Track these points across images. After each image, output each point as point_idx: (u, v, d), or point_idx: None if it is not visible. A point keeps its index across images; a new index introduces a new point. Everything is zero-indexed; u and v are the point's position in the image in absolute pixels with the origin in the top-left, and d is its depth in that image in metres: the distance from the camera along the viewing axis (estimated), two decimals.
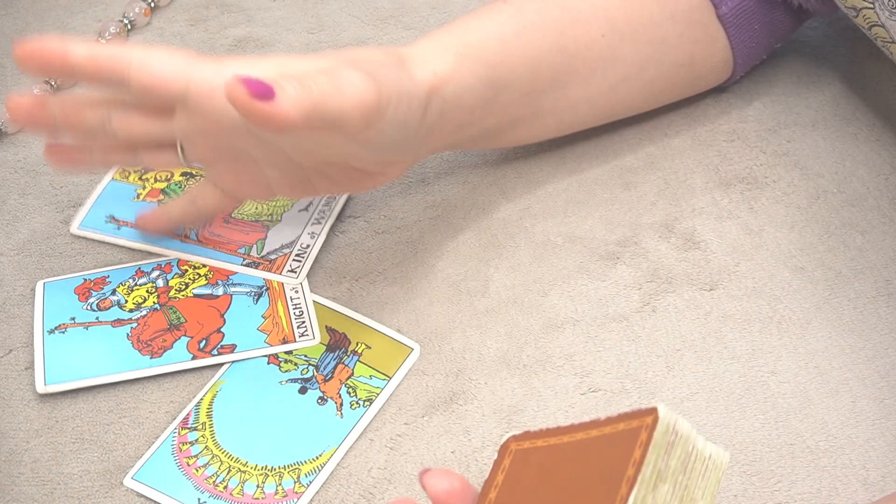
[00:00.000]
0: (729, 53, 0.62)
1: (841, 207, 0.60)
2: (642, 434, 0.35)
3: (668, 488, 0.35)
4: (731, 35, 0.61)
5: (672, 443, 0.35)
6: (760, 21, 0.61)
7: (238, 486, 0.49)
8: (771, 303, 0.55)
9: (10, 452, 0.51)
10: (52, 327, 0.55)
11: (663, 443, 0.35)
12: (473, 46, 0.53)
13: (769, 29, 0.62)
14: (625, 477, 0.34)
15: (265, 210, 0.61)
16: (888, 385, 0.51)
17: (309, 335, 0.54)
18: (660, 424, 0.35)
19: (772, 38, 0.63)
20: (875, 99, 0.66)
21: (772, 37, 0.63)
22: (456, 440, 0.50)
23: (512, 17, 0.55)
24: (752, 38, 0.62)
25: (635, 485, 0.34)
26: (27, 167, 0.65)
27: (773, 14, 0.62)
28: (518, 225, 0.60)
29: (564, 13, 0.56)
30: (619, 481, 0.34)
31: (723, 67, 0.63)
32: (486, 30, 0.54)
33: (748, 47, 0.62)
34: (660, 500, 0.35)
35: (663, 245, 0.58)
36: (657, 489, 0.35)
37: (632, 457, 0.35)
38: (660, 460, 0.35)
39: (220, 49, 0.74)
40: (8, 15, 0.78)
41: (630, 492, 0.34)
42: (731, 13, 0.60)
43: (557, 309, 0.55)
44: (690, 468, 0.36)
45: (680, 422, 0.36)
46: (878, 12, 0.55)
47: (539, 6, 0.56)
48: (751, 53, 0.63)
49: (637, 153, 0.63)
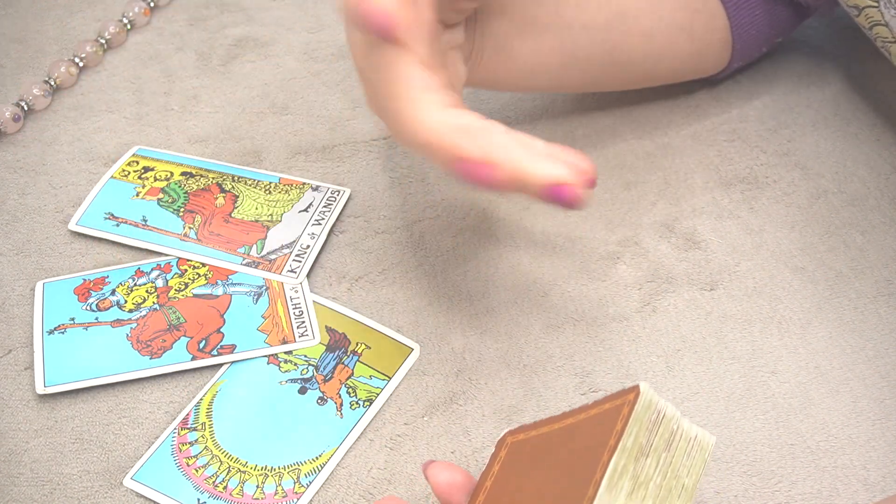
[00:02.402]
0: (728, 34, 0.62)
1: (841, 207, 0.60)
2: (624, 409, 0.37)
3: (652, 463, 0.36)
4: (730, 14, 0.61)
5: (655, 420, 0.37)
6: (762, 7, 0.61)
7: (238, 486, 0.48)
8: (771, 303, 0.55)
9: (9, 452, 0.51)
10: (52, 328, 0.55)
11: (645, 418, 0.36)
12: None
13: (770, 18, 0.62)
14: (607, 447, 0.36)
15: (265, 210, 0.61)
16: (888, 385, 0.51)
17: (309, 335, 0.54)
18: (641, 398, 0.36)
19: (771, 29, 0.63)
20: (876, 99, 0.66)
21: (771, 27, 0.63)
22: (456, 440, 0.50)
23: None
24: (752, 24, 0.62)
25: (615, 452, 0.35)
26: (27, 167, 0.65)
27: (775, 4, 0.62)
28: (518, 225, 0.60)
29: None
30: (602, 452, 0.36)
31: (722, 49, 0.62)
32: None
33: (748, 34, 0.62)
34: (642, 473, 0.36)
35: (663, 245, 0.58)
36: (639, 462, 0.36)
37: (614, 429, 0.36)
38: (641, 434, 0.36)
39: (220, 48, 0.74)
40: (8, 15, 0.78)
41: (610, 459, 0.35)
42: None
43: (557, 309, 0.55)
44: (675, 447, 0.37)
45: (663, 402, 0.37)
46: (883, 11, 0.55)
47: None
48: (750, 40, 0.63)
49: (637, 153, 0.63)
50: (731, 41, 0.62)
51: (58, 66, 0.71)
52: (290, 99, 0.70)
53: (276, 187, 0.62)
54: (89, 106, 0.70)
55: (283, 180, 0.63)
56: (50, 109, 0.70)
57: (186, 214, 0.61)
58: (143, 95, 0.70)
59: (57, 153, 0.66)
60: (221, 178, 0.63)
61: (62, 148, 0.67)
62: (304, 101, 0.69)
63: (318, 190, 0.62)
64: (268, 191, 0.62)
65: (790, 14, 0.63)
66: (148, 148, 0.66)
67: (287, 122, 0.68)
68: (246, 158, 0.65)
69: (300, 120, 0.68)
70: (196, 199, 0.62)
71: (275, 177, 0.63)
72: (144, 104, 0.70)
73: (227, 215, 0.60)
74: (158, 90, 0.71)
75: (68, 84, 0.71)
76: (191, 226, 0.60)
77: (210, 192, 0.62)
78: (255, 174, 0.63)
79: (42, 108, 0.69)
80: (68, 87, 0.71)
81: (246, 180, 0.63)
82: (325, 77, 0.71)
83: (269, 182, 0.63)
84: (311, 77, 0.71)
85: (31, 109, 0.69)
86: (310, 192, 0.62)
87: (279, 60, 0.73)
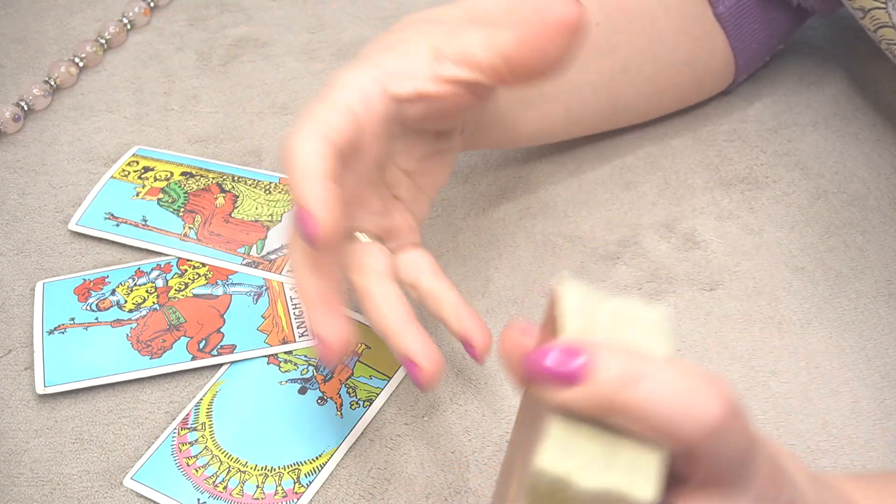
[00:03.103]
0: (729, 54, 0.62)
1: (841, 207, 0.60)
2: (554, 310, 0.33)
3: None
4: (729, 34, 0.61)
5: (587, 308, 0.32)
6: (759, 20, 0.61)
7: (238, 486, 0.48)
8: (771, 303, 0.55)
9: (9, 452, 0.51)
10: (52, 328, 0.55)
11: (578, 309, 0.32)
12: None
13: (769, 28, 0.62)
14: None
15: (265, 210, 0.61)
16: (888, 385, 0.51)
17: (309, 335, 0.54)
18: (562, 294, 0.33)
19: (772, 38, 0.63)
20: (876, 99, 0.66)
21: (772, 37, 0.63)
22: (456, 440, 0.50)
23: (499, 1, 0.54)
24: (753, 39, 0.62)
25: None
26: (26, 167, 0.65)
27: (772, 13, 0.62)
28: (518, 225, 0.60)
29: None
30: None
31: (725, 69, 0.63)
32: (474, 6, 0.53)
33: (749, 48, 0.62)
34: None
35: (663, 245, 0.58)
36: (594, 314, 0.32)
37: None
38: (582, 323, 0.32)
39: (220, 48, 0.74)
40: (8, 15, 0.78)
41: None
42: (728, 12, 0.60)
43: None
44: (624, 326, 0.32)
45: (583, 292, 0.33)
46: (891, 12, 0.55)
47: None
48: (752, 54, 0.63)
49: (637, 153, 0.63)
50: (733, 60, 0.62)
51: (58, 66, 0.71)
52: (290, 99, 0.70)
53: (276, 187, 0.62)
54: (89, 106, 0.70)
55: (283, 180, 0.63)
56: (50, 109, 0.70)
57: (186, 214, 0.61)
58: (143, 95, 0.70)
59: (57, 153, 0.66)
60: (221, 178, 0.63)
61: (62, 148, 0.67)
62: (304, 101, 0.69)
63: None
64: (268, 191, 0.62)
65: (789, 19, 0.63)
66: (148, 148, 0.66)
67: (287, 122, 0.68)
68: (246, 158, 0.65)
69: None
70: (196, 199, 0.62)
71: (275, 177, 0.63)
72: (144, 104, 0.70)
73: (227, 215, 0.60)
74: (158, 90, 0.71)
75: (68, 84, 0.71)
76: (191, 226, 0.60)
77: (210, 192, 0.62)
78: (255, 174, 0.63)
79: (42, 108, 0.69)
80: (68, 87, 0.71)
81: (246, 180, 0.63)
82: (325, 77, 0.71)
83: (269, 182, 0.63)
84: (311, 77, 0.71)
85: (31, 109, 0.69)
86: None
87: (279, 60, 0.73)
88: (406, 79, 0.45)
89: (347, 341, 0.43)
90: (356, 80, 0.44)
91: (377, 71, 0.45)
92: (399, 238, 0.49)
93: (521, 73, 0.44)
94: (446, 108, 0.46)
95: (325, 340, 0.43)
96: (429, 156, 0.50)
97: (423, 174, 0.50)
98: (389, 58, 0.45)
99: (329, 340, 0.43)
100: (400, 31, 0.48)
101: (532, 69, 0.44)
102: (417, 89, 0.45)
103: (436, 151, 0.50)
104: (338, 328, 0.43)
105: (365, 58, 0.46)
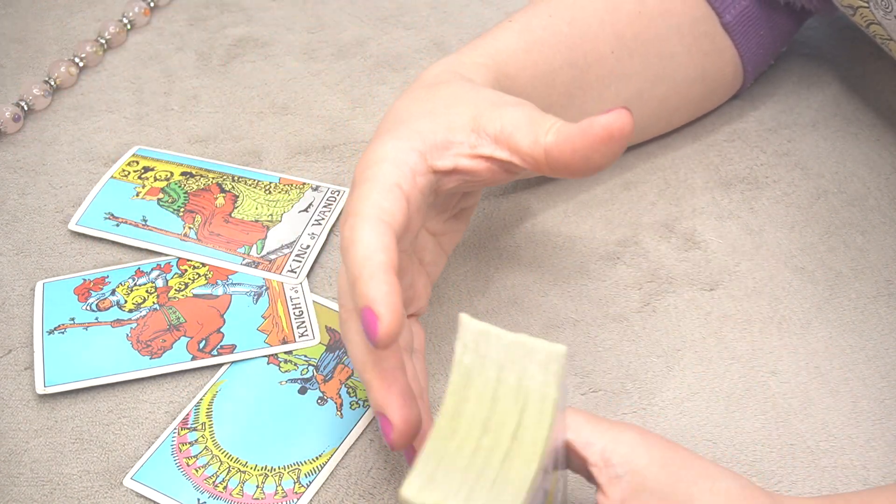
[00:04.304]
0: (738, 62, 0.62)
1: (841, 207, 0.60)
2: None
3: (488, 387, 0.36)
4: (737, 43, 0.61)
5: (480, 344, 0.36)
6: (765, 26, 0.61)
7: (238, 486, 0.48)
8: (771, 303, 0.55)
9: (9, 452, 0.51)
10: (52, 328, 0.55)
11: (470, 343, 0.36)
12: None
13: (774, 33, 0.62)
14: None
15: (265, 210, 0.61)
16: (888, 385, 0.51)
17: (309, 335, 0.54)
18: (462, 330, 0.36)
19: (777, 42, 0.63)
20: (876, 99, 0.66)
21: (777, 40, 0.63)
22: None
23: (520, 34, 0.54)
24: (760, 45, 0.62)
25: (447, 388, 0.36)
26: (26, 167, 0.65)
27: (776, 18, 0.62)
28: (518, 225, 0.60)
29: (572, 29, 0.56)
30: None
31: (734, 78, 0.63)
32: (495, 48, 0.52)
33: (756, 55, 0.62)
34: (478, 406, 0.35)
35: (663, 245, 0.58)
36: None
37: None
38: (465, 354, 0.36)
39: (220, 48, 0.74)
40: (8, 15, 0.78)
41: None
42: (735, 21, 0.60)
43: (557, 309, 0.55)
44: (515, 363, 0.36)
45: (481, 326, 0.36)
46: (873, 11, 0.55)
47: (546, 23, 0.55)
48: (759, 61, 0.63)
49: (637, 153, 0.63)
50: (741, 69, 0.62)
51: (58, 66, 0.71)
52: (290, 99, 0.70)
53: (276, 187, 0.62)
54: (89, 106, 0.70)
55: (283, 180, 0.63)
56: (50, 109, 0.70)
57: (186, 214, 0.61)
58: (143, 95, 0.70)
59: (57, 153, 0.66)
60: (221, 178, 0.63)
61: (62, 148, 0.67)
62: (304, 101, 0.69)
63: (318, 190, 0.62)
64: (268, 191, 0.62)
65: (792, 22, 0.63)
66: (148, 148, 0.66)
67: (287, 122, 0.68)
68: (246, 158, 0.65)
69: (300, 120, 0.68)
70: (196, 199, 0.62)
71: (275, 177, 0.63)
72: (144, 104, 0.70)
73: (227, 215, 0.61)
74: (158, 90, 0.71)
75: (68, 84, 0.71)
76: (191, 226, 0.60)
77: (210, 192, 0.62)
78: (255, 174, 0.63)
79: (42, 108, 0.69)
80: (68, 87, 0.71)
81: (246, 180, 0.63)
82: (325, 77, 0.71)
83: (269, 182, 0.63)
84: (311, 77, 0.71)
85: (31, 109, 0.69)
86: (310, 192, 0.62)
87: (279, 60, 0.73)
88: (446, 152, 0.44)
89: (416, 421, 0.42)
90: (399, 154, 0.43)
91: (419, 141, 0.44)
92: (413, 306, 0.49)
93: (559, 169, 0.43)
94: (480, 181, 0.46)
95: (391, 421, 0.41)
96: (454, 215, 0.50)
97: (446, 234, 0.50)
98: (430, 125, 0.44)
99: (396, 421, 0.41)
100: (440, 88, 0.47)
101: (571, 170, 0.43)
102: (456, 165, 0.44)
103: (461, 210, 0.50)
104: (402, 408, 0.41)
105: (405, 124, 0.45)
